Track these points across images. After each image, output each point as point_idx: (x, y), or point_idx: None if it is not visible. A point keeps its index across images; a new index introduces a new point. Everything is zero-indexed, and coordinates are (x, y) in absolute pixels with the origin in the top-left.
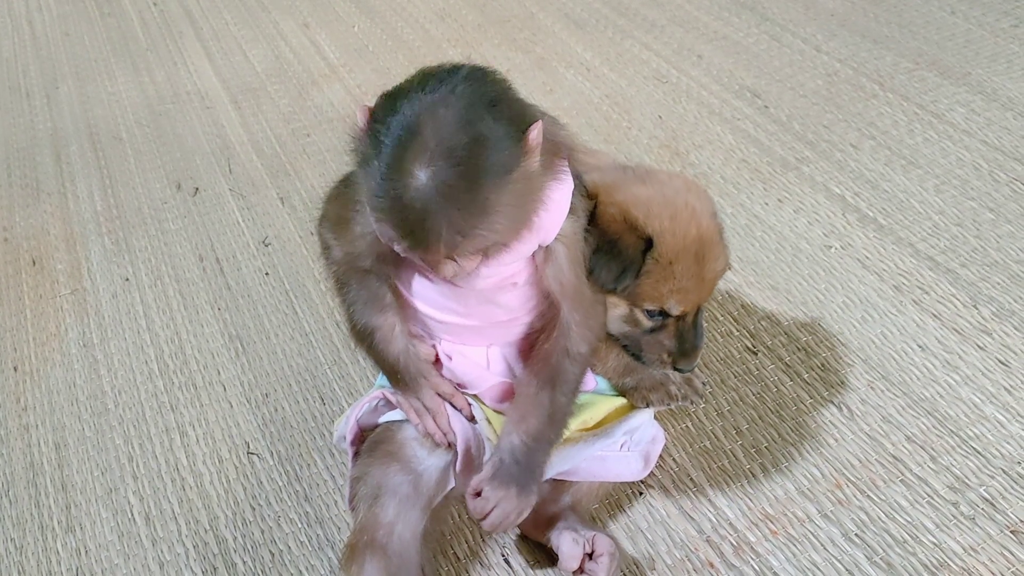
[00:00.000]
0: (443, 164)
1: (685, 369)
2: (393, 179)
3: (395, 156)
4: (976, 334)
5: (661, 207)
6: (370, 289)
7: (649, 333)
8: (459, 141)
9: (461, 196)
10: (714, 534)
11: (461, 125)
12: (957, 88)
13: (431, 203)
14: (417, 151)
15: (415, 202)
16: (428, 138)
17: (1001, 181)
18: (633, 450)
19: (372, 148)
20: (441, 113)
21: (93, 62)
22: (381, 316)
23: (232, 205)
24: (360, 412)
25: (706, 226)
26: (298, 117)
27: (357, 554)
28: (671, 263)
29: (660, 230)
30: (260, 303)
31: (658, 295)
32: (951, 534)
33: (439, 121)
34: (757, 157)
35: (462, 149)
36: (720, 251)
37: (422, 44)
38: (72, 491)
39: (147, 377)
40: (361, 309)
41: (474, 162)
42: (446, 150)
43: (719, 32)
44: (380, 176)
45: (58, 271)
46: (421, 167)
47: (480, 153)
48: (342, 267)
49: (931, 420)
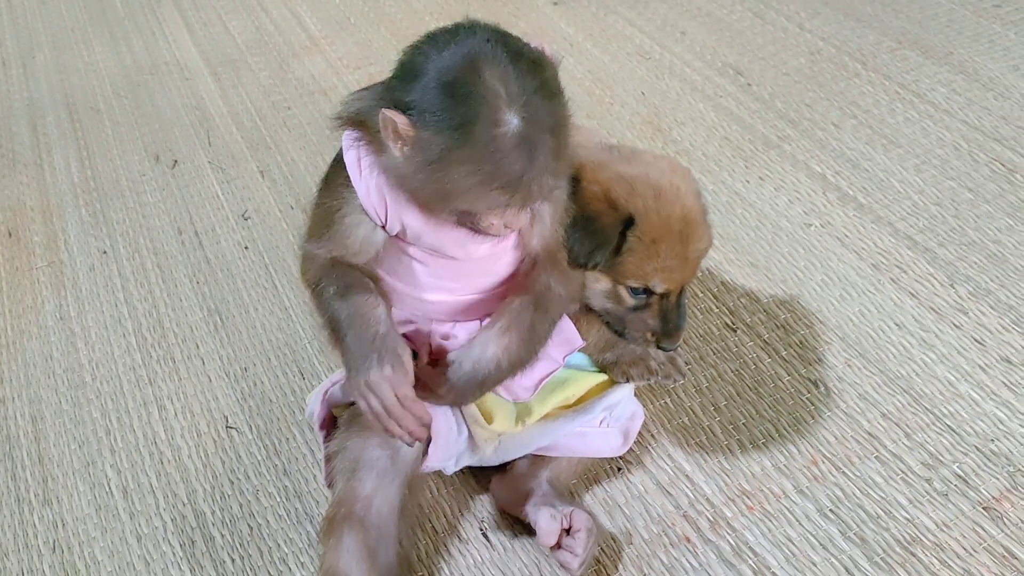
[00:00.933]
0: (531, 106)
1: (668, 348)
2: (493, 137)
3: (486, 112)
4: (953, 313)
5: (645, 186)
6: (352, 274)
7: (633, 311)
8: (529, 81)
9: (556, 131)
10: (691, 509)
11: (518, 66)
12: (939, 68)
13: (536, 145)
14: (504, 101)
15: (521, 149)
16: (508, 85)
17: (980, 161)
18: (613, 426)
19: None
20: (499, 60)
21: (70, 31)
22: (363, 295)
23: (211, 178)
24: (329, 388)
25: (690, 206)
26: (279, 90)
27: (335, 527)
28: (655, 241)
29: (644, 208)
30: (239, 277)
31: (642, 273)
32: (924, 510)
33: (503, 69)
34: (739, 135)
35: (537, 87)
36: (704, 231)
37: (404, 17)
38: (49, 464)
39: (125, 350)
40: (347, 292)
41: (550, 95)
42: (525, 92)
43: (703, 9)
44: (479, 141)
45: (34, 243)
46: (513, 114)
47: (548, 85)
48: (323, 263)
49: (907, 398)
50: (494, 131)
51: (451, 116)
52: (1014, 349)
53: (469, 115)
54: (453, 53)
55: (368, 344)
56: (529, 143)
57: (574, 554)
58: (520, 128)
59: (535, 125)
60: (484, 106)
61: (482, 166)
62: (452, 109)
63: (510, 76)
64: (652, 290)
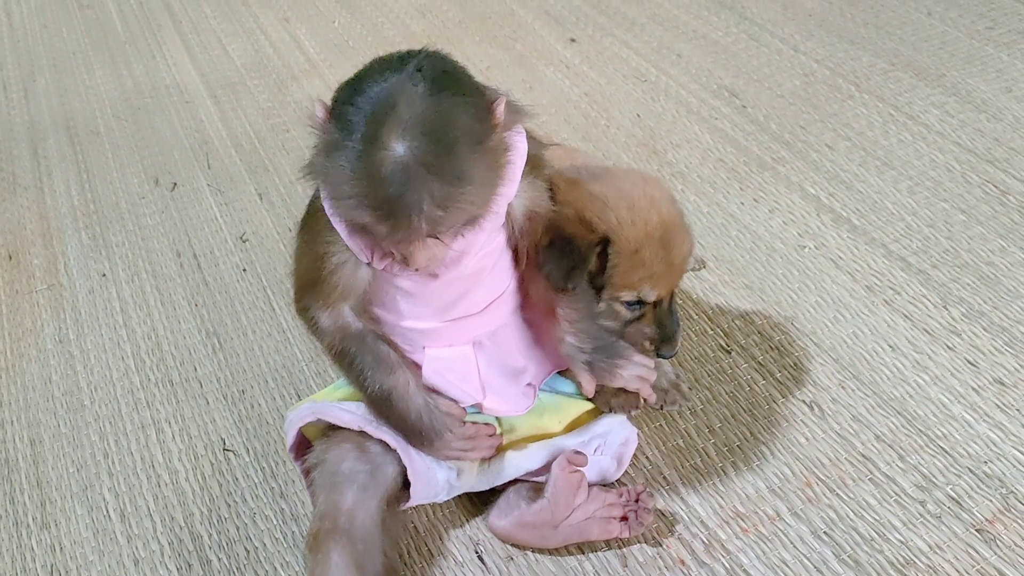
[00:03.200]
0: (420, 136)
1: (668, 354)
2: (369, 154)
3: (370, 131)
4: (946, 335)
5: (617, 199)
6: (373, 352)
7: (628, 324)
8: (432, 114)
9: (441, 166)
10: (685, 531)
11: (432, 99)
12: (932, 90)
13: (411, 175)
14: (392, 125)
15: (395, 175)
16: (402, 112)
17: (973, 183)
18: (606, 453)
19: (341, 131)
20: (410, 89)
21: (71, 55)
22: (392, 376)
23: (210, 200)
24: (304, 420)
25: (667, 211)
26: (277, 112)
27: (321, 542)
28: (636, 251)
29: (618, 221)
30: (237, 299)
31: (631, 284)
32: (918, 532)
33: (410, 97)
34: (734, 156)
35: (437, 121)
36: (685, 234)
37: (402, 40)
38: (47, 487)
39: (123, 373)
40: (372, 375)
41: (450, 133)
42: (421, 123)
43: (698, 31)
44: (355, 155)
45: (34, 266)
46: (397, 140)
47: (454, 124)
48: (335, 336)
49: (900, 419)
50: (374, 150)
51: (349, 121)
52: (1007, 371)
53: (360, 125)
54: (386, 70)
55: (417, 423)
56: (406, 174)
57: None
58: (400, 157)
59: (418, 160)
60: (376, 125)
61: (359, 178)
62: (353, 115)
63: (415, 108)
64: (644, 300)
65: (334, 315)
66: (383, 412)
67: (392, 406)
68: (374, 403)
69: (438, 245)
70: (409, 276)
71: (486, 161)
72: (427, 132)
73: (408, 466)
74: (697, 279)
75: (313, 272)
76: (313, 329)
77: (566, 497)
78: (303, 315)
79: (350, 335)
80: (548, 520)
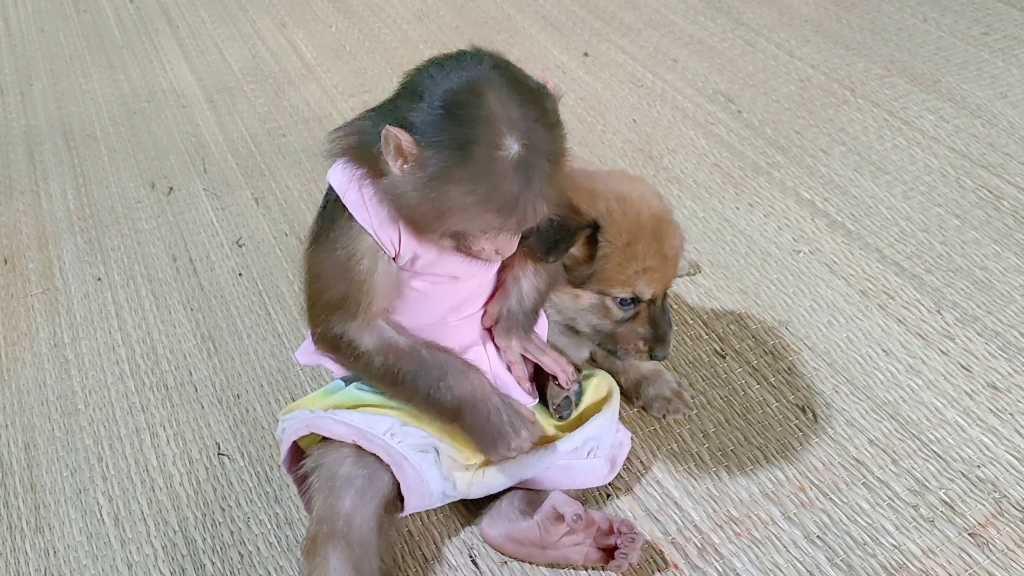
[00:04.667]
0: (535, 130)
1: (661, 355)
2: (495, 158)
3: (487, 134)
4: (939, 339)
5: (606, 192)
6: (437, 363)
7: (621, 323)
8: (533, 111)
9: (557, 155)
10: (679, 536)
11: (522, 96)
12: (927, 95)
13: (533, 171)
14: (506, 127)
15: (518, 174)
16: (509, 112)
17: (967, 188)
18: (599, 456)
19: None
20: (495, 80)
21: (68, 59)
22: (467, 380)
23: (206, 205)
24: (298, 434)
25: (656, 206)
26: (274, 117)
27: (319, 546)
28: (629, 244)
29: (608, 211)
30: (233, 304)
31: (626, 278)
32: (911, 536)
33: (504, 95)
34: (729, 161)
35: (541, 116)
36: (675, 228)
37: (399, 45)
38: (41, 492)
39: (118, 377)
40: (441, 387)
41: (556, 132)
42: (529, 119)
43: (694, 36)
44: (479, 161)
45: (30, 270)
46: (515, 139)
47: (554, 123)
48: (385, 357)
49: (893, 424)
50: (494, 153)
51: (453, 136)
52: (1000, 375)
53: (470, 136)
54: (458, 77)
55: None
56: (527, 168)
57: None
58: (519, 153)
59: (534, 151)
60: (486, 128)
61: (479, 186)
62: (454, 129)
63: (512, 103)
64: (640, 297)
65: (375, 332)
66: (454, 419)
67: (467, 412)
68: (444, 414)
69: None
70: (426, 277)
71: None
72: (535, 128)
73: (401, 481)
74: (692, 284)
75: (342, 286)
76: (351, 354)
77: (556, 529)
78: (336, 343)
79: (401, 352)
80: (536, 541)
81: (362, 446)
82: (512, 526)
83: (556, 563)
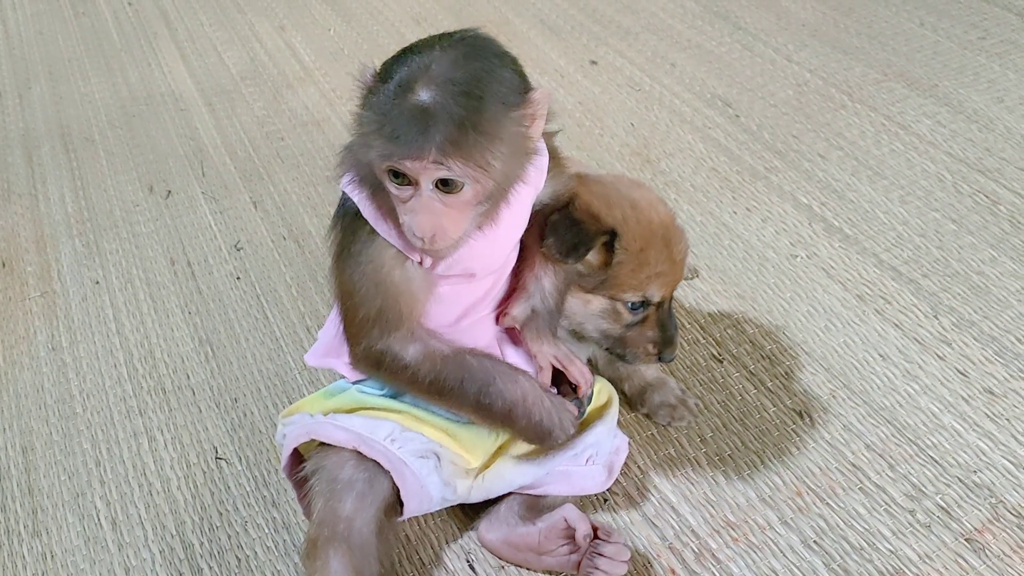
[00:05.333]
0: (448, 87)
1: (669, 357)
2: (397, 97)
3: (401, 81)
4: (936, 344)
5: (620, 199)
6: (484, 369)
7: (630, 327)
8: (466, 73)
9: (461, 106)
10: (676, 541)
11: (467, 62)
12: (924, 100)
13: (432, 105)
14: (425, 79)
15: (416, 112)
16: (437, 70)
17: (964, 193)
18: (598, 463)
19: (380, 81)
20: (451, 53)
21: (66, 62)
22: (517, 385)
23: (204, 208)
24: (299, 441)
25: (663, 211)
26: (272, 120)
27: (321, 549)
28: (642, 250)
29: (623, 219)
30: (231, 307)
31: (638, 283)
32: (907, 541)
33: (448, 58)
34: (727, 166)
35: (468, 77)
36: (681, 232)
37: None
38: (39, 495)
39: (116, 381)
40: (491, 392)
41: (478, 88)
42: (453, 78)
43: (692, 41)
44: (384, 98)
45: (28, 273)
46: (424, 89)
47: (485, 83)
48: (432, 367)
49: (890, 429)
50: (401, 92)
51: (388, 77)
52: (997, 380)
53: (395, 77)
54: (432, 40)
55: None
56: (425, 114)
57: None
58: (424, 99)
59: (440, 103)
60: (407, 71)
61: (380, 110)
62: (392, 72)
63: (444, 66)
64: (649, 300)
65: (419, 342)
66: (505, 422)
67: (520, 415)
68: (493, 419)
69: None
70: (447, 279)
71: (510, 129)
72: (457, 85)
73: (401, 487)
74: (690, 288)
75: (377, 301)
76: (396, 368)
77: (556, 538)
78: (380, 359)
79: (447, 360)
80: (533, 547)
81: (363, 452)
82: (511, 531)
83: (551, 569)
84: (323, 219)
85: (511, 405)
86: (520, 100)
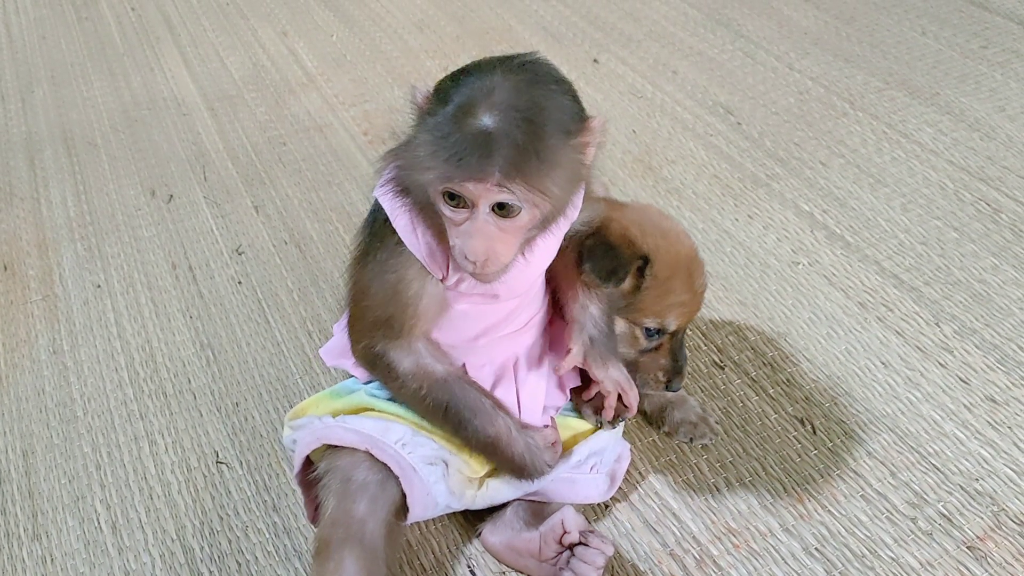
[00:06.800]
0: (511, 113)
1: (676, 387)
2: (459, 118)
3: (462, 104)
4: (938, 352)
5: (653, 228)
6: (465, 402)
7: (644, 353)
8: (526, 100)
9: (524, 132)
10: (677, 547)
11: (530, 89)
12: (926, 108)
13: (495, 130)
14: (488, 103)
15: (479, 129)
16: (499, 96)
17: (966, 201)
18: (601, 471)
19: (438, 103)
20: (513, 79)
21: (69, 66)
22: (494, 426)
23: (206, 213)
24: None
25: (688, 244)
26: (274, 125)
27: (334, 549)
28: (668, 279)
29: (656, 248)
30: (232, 312)
31: (659, 310)
32: (909, 549)
33: (510, 84)
34: (729, 173)
35: (530, 104)
36: (702, 265)
37: (400, 55)
38: (39, 499)
39: (117, 385)
40: (471, 425)
41: (540, 115)
42: (515, 104)
43: (694, 48)
44: (445, 117)
45: (29, 277)
46: (487, 114)
47: (547, 111)
48: (421, 383)
49: (892, 436)
50: (463, 116)
51: (447, 99)
52: (998, 388)
53: (455, 100)
54: (491, 63)
55: (520, 462)
56: (489, 136)
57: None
58: (488, 124)
59: (504, 129)
60: (468, 94)
61: (440, 131)
62: (451, 95)
63: (507, 92)
64: (666, 329)
65: (414, 356)
66: (485, 452)
67: (495, 450)
68: (471, 447)
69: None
70: (470, 297)
71: (569, 156)
72: (519, 112)
73: (408, 492)
74: None
75: (389, 308)
76: (388, 374)
77: (554, 543)
78: (376, 361)
79: (436, 382)
80: (534, 553)
81: (374, 455)
82: (514, 535)
83: None
84: (324, 224)
85: (485, 441)
86: (578, 128)
